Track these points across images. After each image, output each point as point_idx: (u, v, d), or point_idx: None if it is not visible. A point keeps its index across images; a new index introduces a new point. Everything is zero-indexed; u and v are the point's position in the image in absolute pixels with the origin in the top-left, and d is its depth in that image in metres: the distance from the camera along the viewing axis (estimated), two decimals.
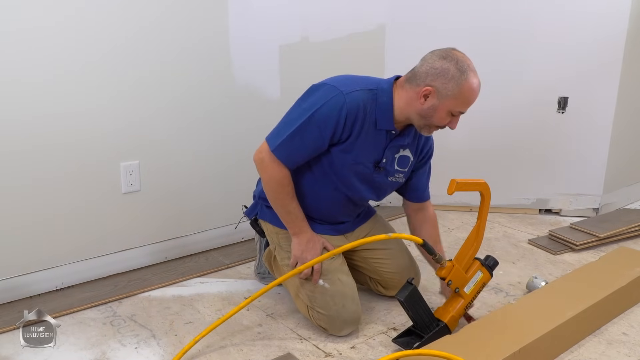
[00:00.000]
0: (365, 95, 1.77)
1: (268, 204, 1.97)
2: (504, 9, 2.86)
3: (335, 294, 1.86)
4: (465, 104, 1.74)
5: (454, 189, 1.67)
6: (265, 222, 2.04)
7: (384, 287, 2.10)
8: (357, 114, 1.75)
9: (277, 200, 1.85)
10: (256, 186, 2.10)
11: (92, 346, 1.81)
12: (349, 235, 2.06)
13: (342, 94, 1.73)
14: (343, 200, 1.93)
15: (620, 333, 1.92)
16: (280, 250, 1.99)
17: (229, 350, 1.80)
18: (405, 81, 1.79)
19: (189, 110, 2.36)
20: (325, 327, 1.87)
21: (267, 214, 2.02)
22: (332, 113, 1.73)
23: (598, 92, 2.90)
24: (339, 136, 1.77)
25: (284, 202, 1.85)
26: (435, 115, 1.75)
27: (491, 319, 1.82)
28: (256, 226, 2.10)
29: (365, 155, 1.84)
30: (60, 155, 2.07)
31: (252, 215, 2.09)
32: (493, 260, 1.91)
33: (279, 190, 1.83)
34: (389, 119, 1.79)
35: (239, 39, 2.42)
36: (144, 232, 2.35)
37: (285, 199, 1.84)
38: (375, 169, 1.88)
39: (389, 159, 1.89)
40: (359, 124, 1.77)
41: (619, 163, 3.10)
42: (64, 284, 2.17)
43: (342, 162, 1.83)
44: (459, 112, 1.76)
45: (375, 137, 1.82)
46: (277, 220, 1.96)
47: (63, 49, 2.00)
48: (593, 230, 2.68)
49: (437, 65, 1.71)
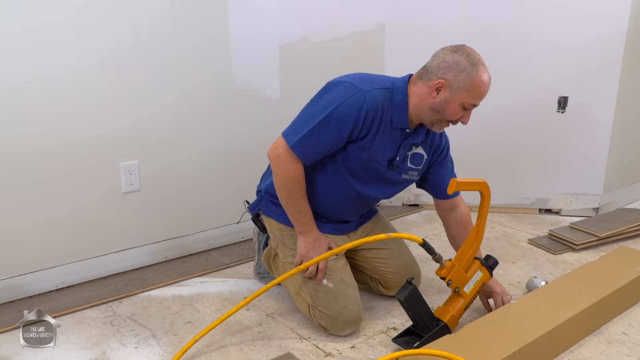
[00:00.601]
0: (383, 93, 1.77)
1: (275, 200, 1.97)
2: (504, 8, 2.86)
3: (338, 294, 1.86)
4: (477, 96, 1.74)
5: (454, 188, 1.66)
6: (269, 219, 2.03)
7: (384, 286, 2.10)
8: (375, 112, 1.75)
9: (289, 197, 1.84)
10: (261, 181, 2.10)
11: (92, 346, 1.81)
12: (352, 235, 2.06)
13: (362, 91, 1.73)
14: (353, 198, 1.93)
15: (620, 333, 1.92)
16: (283, 247, 1.99)
17: (228, 349, 1.80)
18: (417, 78, 1.80)
19: (189, 110, 2.36)
20: (327, 327, 1.87)
21: (272, 210, 2.01)
22: (352, 111, 1.72)
23: (598, 91, 2.90)
24: (357, 133, 1.76)
25: (295, 200, 1.84)
26: (447, 109, 1.75)
27: (491, 318, 1.81)
28: (258, 222, 2.10)
29: (380, 154, 1.84)
30: (60, 155, 2.07)
31: (255, 210, 2.08)
32: (493, 259, 1.91)
33: (292, 188, 1.81)
34: (405, 117, 1.80)
35: (238, 38, 2.42)
36: (143, 231, 2.35)
37: (296, 197, 1.83)
38: (389, 166, 1.88)
39: (402, 157, 1.89)
40: (377, 122, 1.77)
41: (619, 162, 3.10)
42: (64, 284, 2.17)
43: (357, 160, 1.83)
44: (472, 105, 1.76)
45: (391, 135, 1.83)
46: (282, 217, 1.95)
47: (61, 49, 2.00)
48: (593, 230, 2.67)
49: (449, 59, 1.73)
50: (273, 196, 1.96)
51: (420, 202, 3.20)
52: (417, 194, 3.18)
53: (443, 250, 2.50)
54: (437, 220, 2.99)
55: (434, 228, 2.88)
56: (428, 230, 2.86)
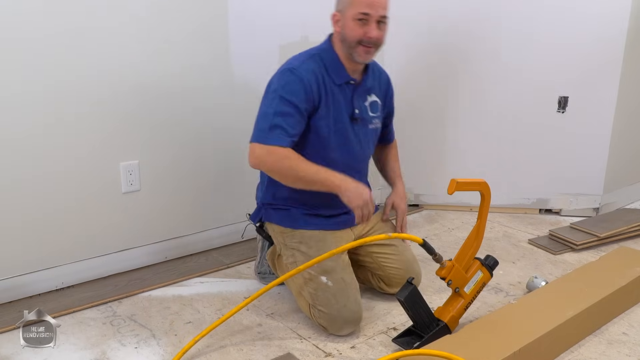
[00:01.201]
0: (313, 60, 1.89)
1: (272, 207, 2.00)
2: (504, 8, 2.86)
3: (338, 293, 1.86)
4: (363, 3, 1.82)
5: (454, 188, 1.66)
6: (270, 224, 2.05)
7: (386, 284, 2.10)
8: (315, 79, 1.86)
9: (297, 170, 1.81)
10: (257, 192, 2.12)
11: (92, 346, 1.81)
12: (354, 229, 2.07)
13: (293, 70, 1.86)
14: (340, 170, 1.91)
15: (621, 333, 1.92)
16: (285, 249, 1.99)
17: (228, 350, 1.80)
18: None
19: (189, 110, 2.36)
20: (326, 326, 1.87)
21: (271, 214, 2.03)
22: (296, 87, 1.83)
23: (598, 91, 2.90)
24: (312, 103, 1.86)
25: (303, 168, 1.81)
26: (347, 32, 1.85)
27: (491, 318, 1.81)
28: (262, 232, 2.12)
29: (339, 112, 1.93)
30: (60, 155, 2.07)
31: (256, 219, 2.10)
32: (493, 260, 1.91)
33: (291, 164, 1.81)
34: (342, 69, 1.91)
35: (238, 39, 2.42)
36: (143, 231, 2.34)
37: (300, 165, 1.81)
38: (353, 121, 1.96)
39: (362, 108, 1.99)
40: (321, 87, 1.87)
41: (619, 162, 3.10)
42: (64, 284, 2.17)
43: (326, 129, 1.90)
44: (364, 15, 1.82)
45: (340, 92, 1.92)
46: (282, 219, 1.98)
47: (61, 49, 2.00)
48: (593, 230, 2.67)
49: None
50: (270, 204, 2.01)
51: (420, 202, 3.20)
52: (418, 194, 3.18)
53: (443, 251, 2.51)
54: (437, 220, 3.00)
55: (434, 228, 2.88)
56: (428, 230, 2.86)
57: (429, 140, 3.10)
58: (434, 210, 3.15)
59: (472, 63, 2.94)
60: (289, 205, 1.99)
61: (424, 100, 3.05)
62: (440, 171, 3.09)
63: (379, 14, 1.84)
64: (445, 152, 3.10)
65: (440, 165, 3.12)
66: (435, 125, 3.08)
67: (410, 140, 3.04)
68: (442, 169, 3.10)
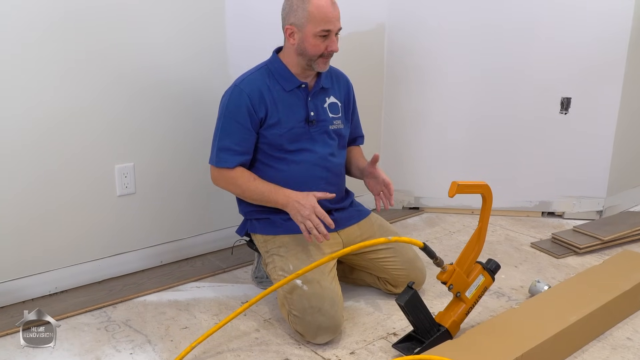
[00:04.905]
0: (258, 73, 1.97)
1: (254, 217, 2.04)
2: (505, 8, 2.84)
3: (312, 297, 1.80)
4: (323, 21, 1.86)
5: (455, 191, 1.65)
6: (255, 235, 2.07)
7: (393, 285, 2.10)
8: (259, 91, 1.92)
9: (246, 191, 1.94)
10: (238, 205, 2.13)
11: (86, 352, 1.78)
12: (341, 232, 2.04)
13: (236, 86, 1.94)
14: (312, 172, 1.99)
15: (625, 338, 1.90)
16: (267, 256, 2.00)
17: (225, 356, 1.77)
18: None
19: (185, 112, 2.34)
20: (302, 332, 1.83)
21: (255, 226, 2.06)
22: (238, 102, 1.91)
23: (601, 93, 2.88)
24: (259, 115, 1.92)
25: (250, 187, 1.92)
26: (307, 47, 1.89)
27: (493, 323, 1.80)
28: (252, 245, 2.14)
29: (291, 118, 1.96)
30: (54, 158, 2.05)
31: (243, 232, 2.13)
32: (495, 263, 1.88)
33: (240, 185, 1.93)
34: (290, 76, 1.96)
35: (237, 40, 2.41)
36: (139, 235, 2.32)
37: (248, 184, 1.92)
38: (309, 124, 1.98)
39: (319, 110, 2.01)
40: (267, 97, 1.93)
41: (623, 165, 3.08)
42: (57, 289, 2.14)
43: (279, 137, 1.94)
44: (325, 32, 1.87)
45: (291, 98, 1.97)
46: (264, 228, 2.01)
47: (56, 48, 1.98)
48: (597, 233, 2.65)
49: (285, 6, 1.93)
50: (250, 214, 2.05)
51: (421, 204, 3.17)
52: (418, 197, 3.15)
53: (444, 255, 2.49)
54: (438, 223, 2.97)
55: (435, 232, 2.86)
56: (429, 233, 2.83)
57: (429, 142, 3.08)
58: (434, 213, 3.13)
59: (472, 65, 2.92)
60: (269, 213, 2.00)
61: (424, 101, 3.03)
62: (441, 174, 3.07)
63: (337, 27, 1.91)
64: (446, 154, 3.08)
65: (441, 167, 3.09)
66: (436, 127, 3.05)
67: (410, 142, 3.02)
68: (442, 171, 3.08)
